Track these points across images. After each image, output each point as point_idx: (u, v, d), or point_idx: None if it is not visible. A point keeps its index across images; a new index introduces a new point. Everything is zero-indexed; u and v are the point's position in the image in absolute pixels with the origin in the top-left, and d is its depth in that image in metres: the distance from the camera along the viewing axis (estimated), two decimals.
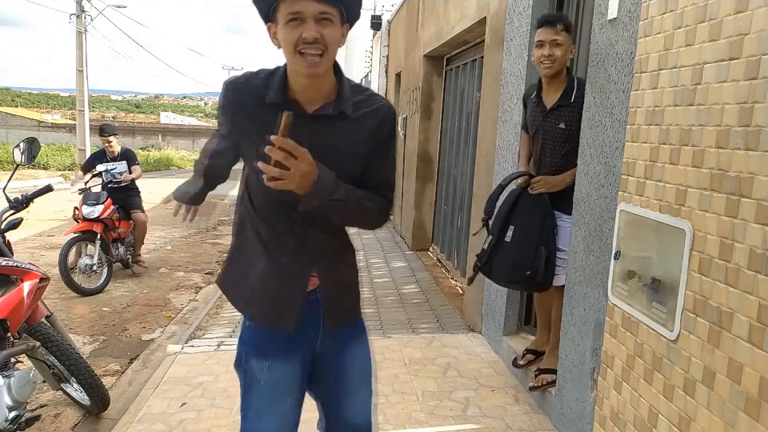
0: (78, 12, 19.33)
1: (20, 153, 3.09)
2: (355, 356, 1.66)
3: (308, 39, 1.29)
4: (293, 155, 1.24)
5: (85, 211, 5.53)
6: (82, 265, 5.38)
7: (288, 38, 1.31)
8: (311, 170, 1.29)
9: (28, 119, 34.51)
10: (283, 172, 1.25)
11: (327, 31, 1.31)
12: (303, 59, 1.31)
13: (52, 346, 2.70)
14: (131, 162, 6.15)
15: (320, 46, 1.30)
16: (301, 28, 1.29)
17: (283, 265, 1.50)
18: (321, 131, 1.41)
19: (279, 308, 1.52)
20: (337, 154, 1.41)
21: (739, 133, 1.45)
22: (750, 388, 1.38)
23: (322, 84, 1.40)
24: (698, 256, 1.58)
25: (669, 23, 1.74)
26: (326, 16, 1.30)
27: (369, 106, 1.46)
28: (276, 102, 1.38)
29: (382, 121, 1.47)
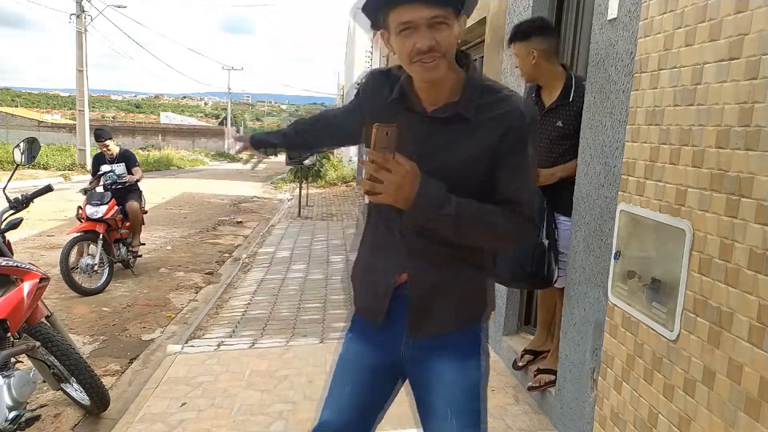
0: (78, 12, 19.33)
1: (20, 153, 3.09)
2: (443, 375, 1.43)
3: (422, 49, 1.24)
4: (386, 168, 1.18)
5: (89, 211, 5.54)
6: (84, 265, 5.39)
7: (402, 49, 1.27)
8: (407, 183, 1.20)
9: (28, 119, 34.51)
10: (376, 186, 1.20)
11: (442, 36, 1.24)
12: (420, 67, 1.27)
13: (52, 346, 2.70)
14: (131, 164, 6.17)
15: (435, 54, 1.25)
16: (415, 37, 1.24)
17: (381, 259, 1.46)
18: (437, 133, 1.34)
19: (371, 300, 1.48)
20: (452, 160, 1.32)
21: (739, 133, 1.45)
22: (750, 388, 1.38)
23: (444, 84, 1.33)
24: (698, 256, 1.57)
25: (669, 23, 1.74)
26: (439, 20, 1.23)
27: (497, 109, 1.31)
28: (397, 99, 1.37)
29: (508, 128, 1.30)
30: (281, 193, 16.10)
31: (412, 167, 1.21)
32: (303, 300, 5.01)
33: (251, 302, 4.99)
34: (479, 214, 1.27)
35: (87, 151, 19.95)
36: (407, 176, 1.20)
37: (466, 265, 1.41)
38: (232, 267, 6.55)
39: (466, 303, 1.44)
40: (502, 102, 1.32)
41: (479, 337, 1.47)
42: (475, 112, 1.32)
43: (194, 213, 11.17)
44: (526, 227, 1.32)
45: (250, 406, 2.99)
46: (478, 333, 1.47)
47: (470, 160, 1.32)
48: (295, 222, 9.60)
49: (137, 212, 6.14)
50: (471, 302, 1.45)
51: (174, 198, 13.36)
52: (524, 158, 1.32)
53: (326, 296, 5.12)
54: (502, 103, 1.32)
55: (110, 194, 5.79)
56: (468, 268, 1.42)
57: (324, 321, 4.42)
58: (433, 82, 1.31)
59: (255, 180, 21.06)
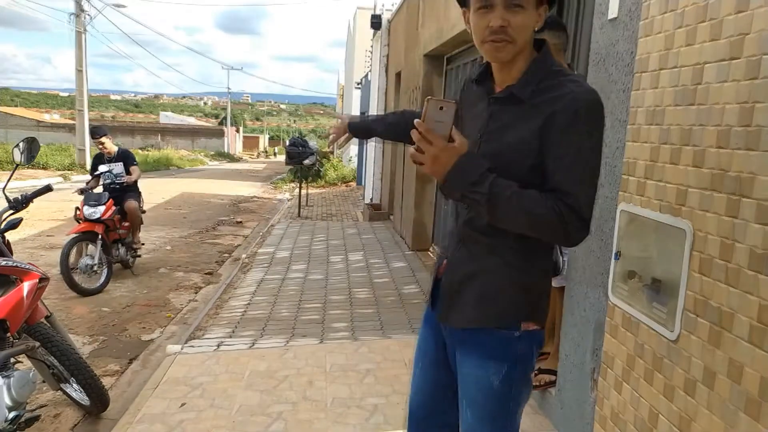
0: (77, 12, 19.32)
1: (20, 153, 3.09)
2: (464, 368, 1.45)
3: (493, 27, 1.26)
4: (427, 140, 1.23)
5: (87, 212, 5.54)
6: (83, 266, 5.39)
7: (476, 26, 1.30)
8: (444, 156, 1.23)
9: (28, 119, 34.51)
10: (416, 154, 1.25)
11: (517, 19, 1.25)
12: (489, 47, 1.29)
13: (52, 347, 2.69)
14: (129, 163, 6.17)
15: (505, 36, 1.26)
16: (490, 16, 1.26)
17: (444, 245, 1.58)
18: (496, 115, 1.36)
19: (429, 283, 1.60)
20: (504, 141, 1.32)
21: (739, 133, 1.45)
22: (750, 389, 1.38)
23: (514, 67, 1.34)
24: (699, 256, 1.57)
25: (669, 23, 1.74)
26: (518, 2, 1.24)
27: (552, 92, 1.27)
28: (475, 80, 1.44)
29: (555, 112, 1.24)
30: (281, 193, 16.10)
31: (460, 144, 1.24)
32: (303, 300, 5.01)
33: (251, 302, 4.99)
34: (517, 198, 1.23)
35: (86, 151, 19.93)
36: (445, 150, 1.23)
37: (502, 261, 1.37)
38: (231, 267, 6.55)
39: (494, 300, 1.38)
40: (560, 86, 1.28)
41: (510, 341, 1.39)
42: (530, 94, 1.30)
43: (194, 213, 11.17)
44: (571, 220, 1.22)
45: (249, 407, 2.99)
46: (509, 337, 1.39)
47: (519, 143, 1.29)
48: (295, 222, 9.60)
49: (136, 211, 6.14)
50: (500, 300, 1.38)
51: (173, 198, 13.36)
52: (573, 147, 1.24)
53: (326, 296, 5.11)
54: (559, 87, 1.27)
55: (107, 194, 5.78)
56: (504, 263, 1.37)
57: (324, 321, 4.42)
58: (503, 63, 1.33)
59: (255, 180, 21.05)
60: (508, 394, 1.42)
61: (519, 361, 1.41)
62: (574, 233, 1.24)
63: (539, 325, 1.42)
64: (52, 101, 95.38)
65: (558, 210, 1.22)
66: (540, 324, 1.43)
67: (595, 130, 1.26)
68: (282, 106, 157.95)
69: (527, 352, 1.42)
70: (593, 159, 1.26)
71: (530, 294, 1.39)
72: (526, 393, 1.49)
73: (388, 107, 10.13)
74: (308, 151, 10.75)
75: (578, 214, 1.23)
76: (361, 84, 16.77)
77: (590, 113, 1.25)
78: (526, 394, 1.48)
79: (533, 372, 1.51)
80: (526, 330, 1.39)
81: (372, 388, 3.19)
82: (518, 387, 1.44)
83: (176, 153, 31.41)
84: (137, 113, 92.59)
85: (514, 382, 1.42)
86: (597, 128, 1.27)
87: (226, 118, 53.81)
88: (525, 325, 1.39)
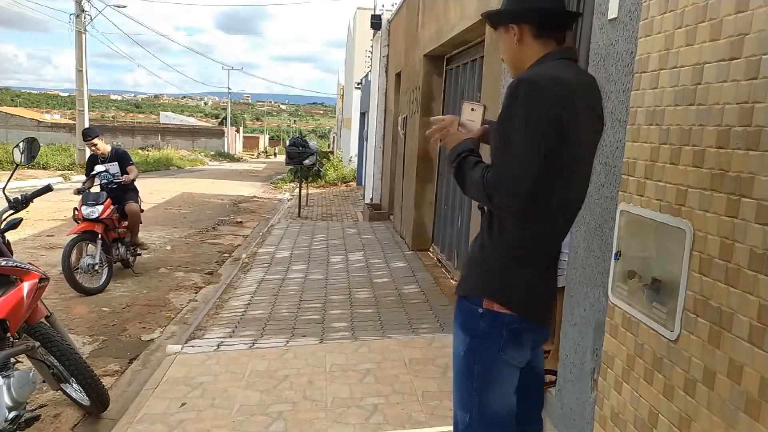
0: (78, 12, 19.32)
1: (20, 153, 3.09)
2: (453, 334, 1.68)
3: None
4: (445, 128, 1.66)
5: (85, 212, 5.54)
6: (84, 265, 5.39)
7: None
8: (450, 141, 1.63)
9: (28, 119, 34.53)
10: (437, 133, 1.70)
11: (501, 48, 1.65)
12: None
13: (52, 347, 2.69)
14: (125, 163, 6.15)
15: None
16: None
17: None
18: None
19: None
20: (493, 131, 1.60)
21: (739, 133, 1.45)
22: (750, 389, 1.38)
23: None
24: (698, 256, 1.57)
25: (669, 23, 1.74)
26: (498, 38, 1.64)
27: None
28: None
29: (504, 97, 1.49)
30: (281, 193, 16.10)
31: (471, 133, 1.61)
32: (303, 300, 5.01)
33: (251, 302, 4.99)
34: (469, 170, 1.51)
35: (87, 151, 19.92)
36: (452, 136, 1.64)
37: (480, 243, 1.61)
38: (231, 267, 6.55)
39: (468, 275, 1.63)
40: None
41: (473, 315, 1.57)
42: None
43: (194, 213, 11.17)
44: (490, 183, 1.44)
45: (249, 407, 2.99)
46: (473, 311, 1.57)
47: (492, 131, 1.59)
48: (295, 222, 9.60)
49: (137, 214, 6.14)
50: (469, 276, 1.62)
51: (173, 198, 13.36)
52: (502, 125, 1.47)
53: (326, 296, 5.11)
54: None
55: (105, 194, 5.77)
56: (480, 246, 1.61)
57: (324, 321, 4.42)
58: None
59: (255, 180, 21.06)
60: (471, 368, 1.57)
61: (480, 338, 1.56)
62: (493, 194, 1.44)
63: (508, 309, 1.54)
64: (52, 101, 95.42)
65: (484, 175, 1.45)
66: (509, 308, 1.54)
67: (518, 105, 1.43)
68: (282, 106, 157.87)
69: (490, 332, 1.55)
70: (515, 127, 1.44)
71: (492, 275, 1.57)
72: (497, 378, 1.56)
73: (388, 107, 10.13)
74: (308, 151, 10.76)
75: (495, 176, 1.43)
76: (361, 84, 16.77)
77: (517, 88, 1.45)
78: (496, 379, 1.56)
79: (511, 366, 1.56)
80: (489, 309, 1.54)
81: (372, 388, 3.19)
82: (482, 365, 1.55)
83: (176, 153, 31.41)
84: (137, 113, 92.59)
85: (477, 359, 1.56)
86: (522, 103, 1.43)
87: (226, 118, 53.79)
88: (487, 304, 1.54)
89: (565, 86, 1.46)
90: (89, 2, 19.56)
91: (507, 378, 1.58)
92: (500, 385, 1.57)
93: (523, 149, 1.42)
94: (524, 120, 1.42)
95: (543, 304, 1.63)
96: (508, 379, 1.58)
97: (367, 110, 13.79)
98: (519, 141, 1.42)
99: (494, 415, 1.57)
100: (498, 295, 1.55)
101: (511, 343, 1.55)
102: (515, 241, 1.54)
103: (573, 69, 1.57)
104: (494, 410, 1.57)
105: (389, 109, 10.04)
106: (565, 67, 1.54)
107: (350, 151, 20.44)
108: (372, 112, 12.04)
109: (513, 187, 1.41)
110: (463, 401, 1.60)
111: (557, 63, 1.54)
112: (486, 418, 1.57)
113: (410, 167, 7.45)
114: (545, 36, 1.57)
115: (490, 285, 1.56)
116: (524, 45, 1.58)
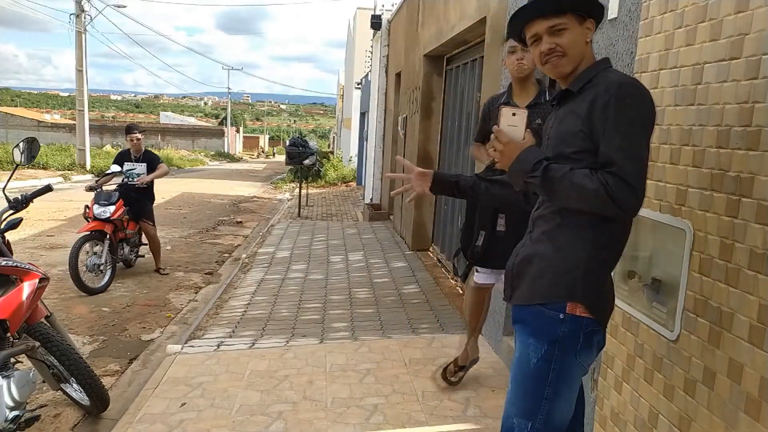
0: (78, 12, 19.31)
1: (20, 153, 3.08)
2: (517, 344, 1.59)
3: (544, 51, 1.54)
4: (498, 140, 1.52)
5: (96, 211, 5.53)
6: (90, 264, 5.39)
7: (534, 56, 1.60)
8: (508, 152, 1.50)
9: (28, 119, 34.50)
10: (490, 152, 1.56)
11: (563, 39, 1.52)
12: (547, 66, 1.56)
13: (52, 347, 2.69)
14: (154, 165, 6.12)
15: (556, 52, 1.53)
16: (540, 45, 1.55)
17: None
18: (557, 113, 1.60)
19: None
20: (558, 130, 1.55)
21: (739, 133, 1.45)
22: (750, 389, 1.38)
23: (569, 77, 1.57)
24: (698, 256, 1.57)
25: (669, 23, 1.74)
26: (558, 27, 1.51)
27: (595, 82, 1.49)
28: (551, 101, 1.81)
29: (597, 96, 1.44)
30: (281, 193, 16.09)
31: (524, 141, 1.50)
32: (303, 300, 5.01)
33: (251, 302, 4.99)
34: (568, 177, 1.40)
35: (86, 151, 19.93)
36: (509, 145, 1.50)
37: (552, 243, 1.52)
38: (231, 267, 6.55)
39: (541, 278, 1.52)
40: (601, 77, 1.49)
41: (553, 321, 1.48)
42: (581, 87, 1.51)
43: (194, 213, 11.17)
44: (617, 187, 1.35)
45: (249, 407, 2.99)
46: (553, 318, 1.48)
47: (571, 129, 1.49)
48: (295, 222, 9.60)
49: (154, 237, 6.14)
50: (546, 279, 1.51)
51: (174, 198, 13.35)
52: (610, 122, 1.40)
53: (326, 296, 5.11)
54: (600, 78, 1.48)
55: (118, 194, 5.75)
56: (552, 245, 1.52)
57: (324, 321, 4.42)
58: (558, 76, 1.59)
59: (255, 180, 21.06)
60: (545, 376, 1.49)
61: (559, 344, 1.48)
62: (624, 200, 1.35)
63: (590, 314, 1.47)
64: (52, 101, 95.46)
65: (603, 180, 1.35)
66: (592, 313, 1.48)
67: (630, 106, 1.40)
68: (282, 106, 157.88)
69: (570, 337, 1.47)
70: (634, 130, 1.39)
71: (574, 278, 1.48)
72: (571, 384, 1.50)
73: (388, 107, 10.13)
74: (308, 151, 10.75)
75: (623, 180, 1.35)
76: (361, 84, 16.77)
77: (622, 90, 1.41)
78: (569, 385, 1.50)
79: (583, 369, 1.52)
80: (572, 314, 1.47)
81: (372, 387, 3.19)
82: (558, 372, 1.48)
83: (176, 153, 31.39)
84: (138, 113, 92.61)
85: (555, 366, 1.48)
86: (633, 104, 1.40)
87: (226, 118, 53.78)
88: (571, 308, 1.47)
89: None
90: (89, 2, 19.55)
91: (576, 384, 1.55)
92: (572, 391, 1.53)
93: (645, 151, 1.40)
94: (639, 120, 1.40)
95: (611, 306, 1.60)
96: (576, 385, 1.55)
97: (367, 110, 13.79)
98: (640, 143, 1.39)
99: (560, 422, 1.53)
100: (582, 299, 1.48)
101: (585, 348, 1.50)
102: (599, 243, 1.49)
103: None
104: (560, 418, 1.52)
105: (389, 109, 10.04)
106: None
107: (350, 151, 20.44)
108: (372, 112, 12.04)
109: (643, 187, 1.38)
110: (529, 409, 1.52)
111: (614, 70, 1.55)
112: (551, 426, 1.52)
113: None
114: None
115: (573, 289, 1.48)
116: (589, 44, 1.57)
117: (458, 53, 6.04)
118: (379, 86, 10.76)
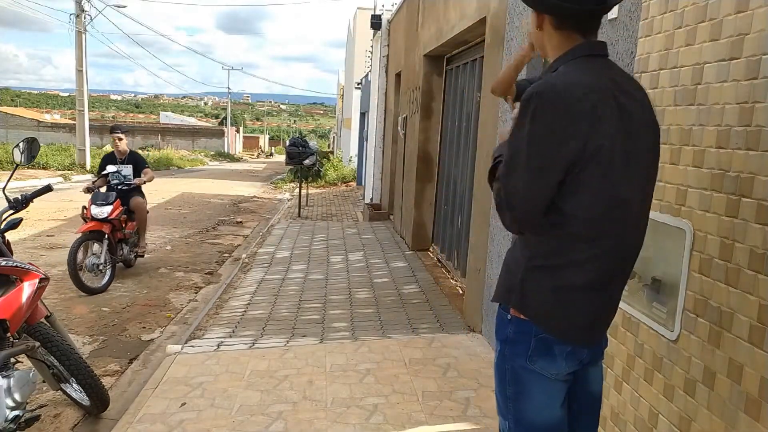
0: (78, 12, 19.31)
1: (20, 153, 3.09)
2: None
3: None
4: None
5: (94, 211, 5.55)
6: (90, 264, 5.41)
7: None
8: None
9: (28, 119, 34.50)
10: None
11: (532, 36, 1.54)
12: None
13: (52, 347, 2.69)
14: (140, 166, 6.18)
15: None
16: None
17: None
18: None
19: None
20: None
21: (739, 133, 1.45)
22: (750, 389, 1.38)
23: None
24: (698, 256, 1.57)
25: (669, 23, 1.74)
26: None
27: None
28: None
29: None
30: (281, 193, 16.09)
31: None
32: (303, 300, 5.01)
33: (251, 302, 4.99)
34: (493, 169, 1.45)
35: (86, 151, 19.93)
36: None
37: (513, 247, 1.54)
38: (231, 267, 6.55)
39: (500, 279, 1.55)
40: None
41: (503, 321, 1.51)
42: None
43: (194, 213, 11.17)
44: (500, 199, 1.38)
45: (249, 407, 2.99)
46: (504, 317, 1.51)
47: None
48: (295, 222, 9.60)
49: (143, 208, 6.17)
50: (500, 280, 1.54)
51: (173, 198, 13.35)
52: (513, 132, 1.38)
53: (326, 296, 5.11)
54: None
55: (115, 194, 5.80)
56: (512, 249, 1.54)
57: (324, 321, 4.42)
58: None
59: (255, 180, 21.06)
60: (503, 375, 1.52)
61: (509, 344, 1.50)
62: (502, 215, 1.40)
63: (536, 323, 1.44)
64: (52, 101, 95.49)
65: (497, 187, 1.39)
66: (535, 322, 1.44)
67: (529, 118, 1.31)
68: (282, 106, 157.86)
69: (519, 340, 1.47)
70: (524, 146, 1.32)
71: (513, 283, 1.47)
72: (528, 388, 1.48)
73: (388, 107, 10.13)
74: (308, 151, 10.76)
75: (502, 199, 1.37)
76: (361, 84, 16.77)
77: (529, 103, 1.32)
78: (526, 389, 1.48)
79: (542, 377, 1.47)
80: (516, 316, 1.47)
81: (372, 387, 3.19)
82: (512, 373, 1.49)
83: (176, 153, 31.40)
84: (138, 113, 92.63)
85: (507, 365, 1.51)
86: (534, 116, 1.31)
87: (226, 118, 53.78)
88: (513, 311, 1.47)
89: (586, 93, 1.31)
90: (89, 2, 19.55)
91: (540, 390, 1.48)
92: (531, 396, 1.49)
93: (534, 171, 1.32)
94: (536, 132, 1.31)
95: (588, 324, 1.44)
96: (541, 391, 1.48)
97: (367, 110, 13.79)
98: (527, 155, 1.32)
99: (530, 425, 1.50)
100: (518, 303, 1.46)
101: (541, 354, 1.44)
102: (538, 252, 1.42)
103: (597, 69, 1.39)
104: (529, 420, 1.50)
105: (389, 109, 10.04)
106: (588, 68, 1.38)
107: (350, 151, 20.44)
108: (372, 112, 12.04)
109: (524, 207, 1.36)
110: (501, 407, 1.57)
111: (580, 61, 1.39)
112: (522, 427, 1.51)
113: (410, 167, 7.45)
114: (566, 28, 1.43)
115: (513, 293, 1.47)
116: (545, 33, 1.48)
117: (458, 53, 6.04)
118: (379, 86, 10.76)
